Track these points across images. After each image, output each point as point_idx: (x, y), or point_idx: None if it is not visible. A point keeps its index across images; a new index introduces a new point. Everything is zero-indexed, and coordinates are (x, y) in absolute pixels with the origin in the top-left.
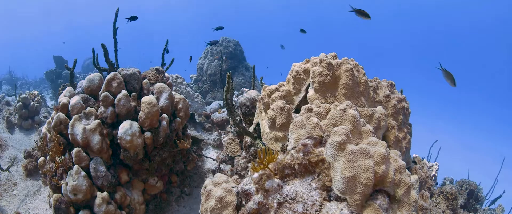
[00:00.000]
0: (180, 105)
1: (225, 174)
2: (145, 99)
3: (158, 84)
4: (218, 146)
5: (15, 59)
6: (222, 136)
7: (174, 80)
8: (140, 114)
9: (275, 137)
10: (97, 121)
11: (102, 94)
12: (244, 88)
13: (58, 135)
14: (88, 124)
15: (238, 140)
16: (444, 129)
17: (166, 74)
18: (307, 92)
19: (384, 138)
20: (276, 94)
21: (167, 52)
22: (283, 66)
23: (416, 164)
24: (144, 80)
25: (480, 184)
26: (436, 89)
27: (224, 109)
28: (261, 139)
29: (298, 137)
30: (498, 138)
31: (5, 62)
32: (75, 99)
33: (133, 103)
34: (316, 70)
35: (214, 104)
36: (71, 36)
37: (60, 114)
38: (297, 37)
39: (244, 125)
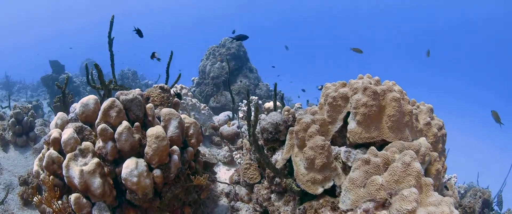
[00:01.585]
0: (191, 131)
1: (242, 199)
2: (151, 132)
3: (165, 110)
4: (229, 162)
5: (12, 62)
6: (234, 152)
7: (178, 91)
8: (147, 149)
9: (313, 180)
10: (96, 160)
11: (99, 126)
12: (253, 97)
13: (52, 176)
14: (85, 164)
15: (257, 165)
16: (446, 125)
17: (172, 91)
18: (344, 121)
19: (425, 171)
20: (313, 129)
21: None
22: (285, 66)
23: (448, 190)
24: (147, 105)
25: (488, 187)
26: (436, 84)
27: (234, 121)
28: (292, 177)
29: (357, 197)
30: (502, 136)
31: (2, 67)
32: (68, 133)
33: (137, 136)
34: (360, 100)
35: (222, 115)
36: (69, 39)
37: (51, 151)
38: (297, 37)
39: (266, 151)
